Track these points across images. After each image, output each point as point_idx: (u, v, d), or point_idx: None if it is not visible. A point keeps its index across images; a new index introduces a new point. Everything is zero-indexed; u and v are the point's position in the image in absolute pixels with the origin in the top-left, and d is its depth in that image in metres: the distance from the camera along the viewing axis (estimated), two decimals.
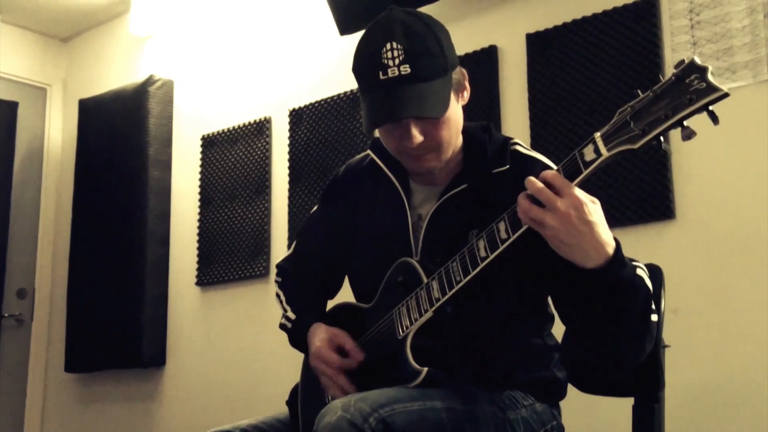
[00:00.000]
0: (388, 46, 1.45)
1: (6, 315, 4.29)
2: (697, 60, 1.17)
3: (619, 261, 1.28)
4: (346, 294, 1.79)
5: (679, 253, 2.53)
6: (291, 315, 1.72)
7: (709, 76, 1.14)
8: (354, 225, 1.70)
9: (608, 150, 1.23)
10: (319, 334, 1.62)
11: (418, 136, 1.48)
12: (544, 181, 1.27)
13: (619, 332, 1.33)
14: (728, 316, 2.44)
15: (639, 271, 1.33)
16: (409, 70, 1.44)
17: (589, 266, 1.27)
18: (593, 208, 1.26)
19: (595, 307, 1.31)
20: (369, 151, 1.73)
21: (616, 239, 1.29)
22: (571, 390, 1.63)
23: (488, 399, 1.49)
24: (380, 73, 1.45)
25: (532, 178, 1.28)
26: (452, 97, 1.50)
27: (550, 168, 1.51)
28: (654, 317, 1.35)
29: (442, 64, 1.48)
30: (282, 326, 1.74)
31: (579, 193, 1.25)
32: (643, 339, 1.35)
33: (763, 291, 2.38)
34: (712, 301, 2.47)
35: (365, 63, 1.49)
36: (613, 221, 2.32)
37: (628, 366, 1.43)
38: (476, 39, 3.10)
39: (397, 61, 1.45)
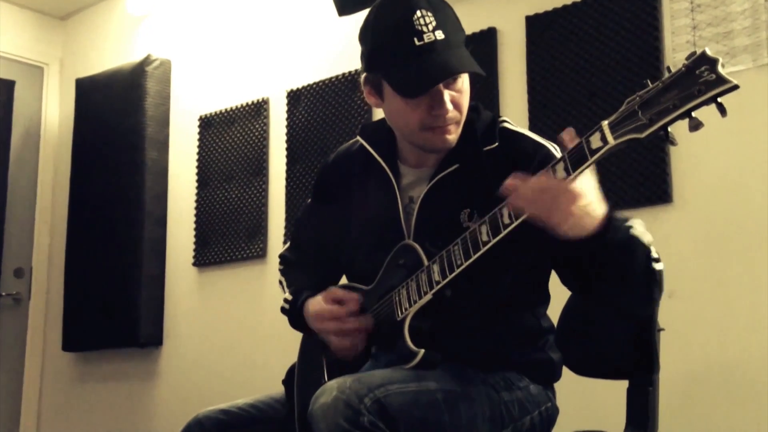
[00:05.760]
0: (419, 13, 1.47)
1: (3, 294, 4.30)
2: (708, 51, 1.16)
3: (612, 227, 1.29)
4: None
5: (676, 237, 2.53)
6: (288, 296, 1.73)
7: (719, 68, 1.14)
8: (347, 212, 1.71)
9: (615, 138, 1.23)
10: (314, 301, 1.64)
11: (449, 103, 1.49)
12: (539, 187, 1.27)
13: (625, 285, 1.37)
14: (724, 299, 2.45)
15: (633, 231, 1.35)
16: (443, 35, 1.47)
17: (584, 235, 1.28)
18: (588, 192, 1.27)
19: (598, 269, 1.33)
20: (358, 137, 1.73)
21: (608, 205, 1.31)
22: (566, 372, 1.63)
23: (483, 380, 1.50)
24: (415, 40, 1.46)
25: (524, 184, 1.28)
26: None
27: (537, 144, 1.54)
28: (657, 266, 1.40)
29: (464, 35, 1.53)
30: (282, 309, 1.75)
31: (573, 187, 1.26)
32: (651, 288, 1.40)
33: (759, 275, 2.38)
34: (709, 284, 2.48)
35: (396, 31, 1.49)
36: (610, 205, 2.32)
37: (639, 316, 1.47)
38: (475, 21, 3.08)
39: (431, 27, 1.46)
